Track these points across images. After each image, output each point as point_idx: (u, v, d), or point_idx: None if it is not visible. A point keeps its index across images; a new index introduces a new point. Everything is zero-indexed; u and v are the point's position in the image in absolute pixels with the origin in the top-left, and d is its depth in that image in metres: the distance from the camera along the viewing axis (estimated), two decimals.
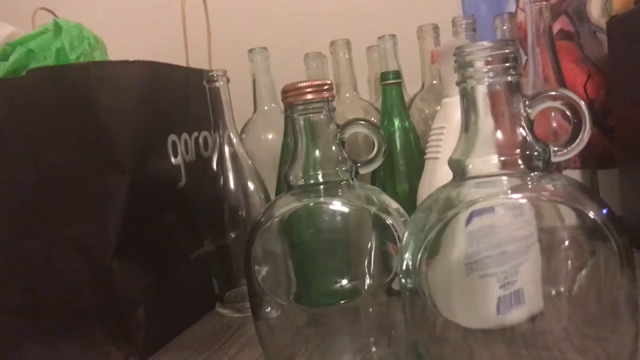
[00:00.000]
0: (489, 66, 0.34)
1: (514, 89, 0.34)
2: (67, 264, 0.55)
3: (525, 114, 0.35)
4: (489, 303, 0.37)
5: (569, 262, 0.36)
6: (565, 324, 0.36)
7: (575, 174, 0.65)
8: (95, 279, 0.55)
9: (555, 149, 0.35)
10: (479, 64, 0.34)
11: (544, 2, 0.63)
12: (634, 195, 0.73)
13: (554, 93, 0.35)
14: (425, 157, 0.56)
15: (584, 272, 0.35)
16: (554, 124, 0.64)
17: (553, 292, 0.36)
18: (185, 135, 0.66)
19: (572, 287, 0.35)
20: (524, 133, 0.34)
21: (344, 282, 0.44)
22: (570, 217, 0.35)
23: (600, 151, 0.83)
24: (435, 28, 0.74)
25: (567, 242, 0.36)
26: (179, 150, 0.64)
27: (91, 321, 0.56)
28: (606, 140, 0.84)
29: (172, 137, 0.63)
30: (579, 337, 0.36)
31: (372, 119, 0.75)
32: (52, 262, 0.56)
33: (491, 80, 0.34)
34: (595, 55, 0.85)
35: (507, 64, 0.34)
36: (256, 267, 0.43)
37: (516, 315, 0.37)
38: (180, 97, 0.67)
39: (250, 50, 0.78)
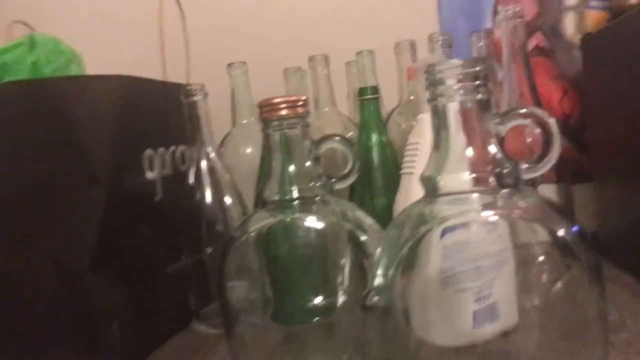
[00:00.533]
0: (460, 84, 0.34)
1: (485, 106, 0.35)
2: (41, 279, 0.54)
3: (495, 132, 0.35)
4: (464, 317, 0.37)
5: (542, 277, 0.36)
6: (537, 340, 0.36)
7: (551, 189, 0.66)
8: (70, 293, 0.54)
9: (526, 166, 0.35)
10: (450, 81, 0.34)
11: (519, 20, 0.64)
12: (608, 209, 0.74)
13: (524, 111, 0.35)
14: (401, 172, 0.57)
15: (555, 288, 0.35)
16: (529, 140, 0.65)
17: (527, 307, 0.36)
18: (162, 150, 0.66)
19: (545, 302, 0.36)
20: (494, 150, 0.35)
21: (319, 299, 0.44)
22: (542, 234, 0.35)
23: (575, 166, 0.84)
24: (413, 44, 0.75)
25: (540, 258, 0.36)
26: (155, 165, 0.64)
27: (66, 336, 0.55)
28: (581, 156, 0.85)
29: (149, 151, 0.63)
30: (552, 352, 0.36)
31: (351, 133, 0.75)
32: (26, 276, 0.55)
33: (462, 98, 0.34)
34: (570, 71, 0.86)
35: (477, 82, 0.34)
36: (229, 284, 0.43)
37: (491, 329, 0.37)
38: (158, 111, 0.67)
39: (229, 65, 0.78)
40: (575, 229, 0.35)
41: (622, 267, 0.68)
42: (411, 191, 0.54)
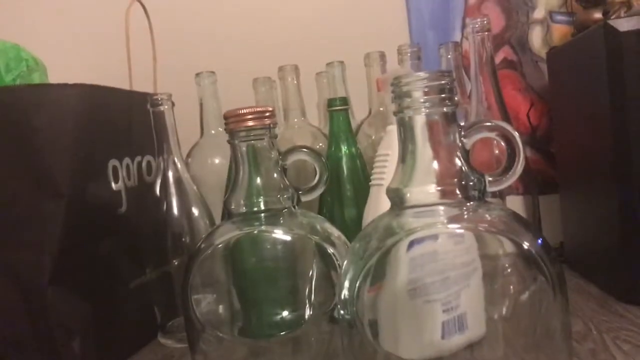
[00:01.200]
0: (426, 97, 0.34)
1: (450, 119, 0.35)
2: None
3: (460, 144, 0.35)
4: (433, 328, 0.36)
5: (508, 288, 0.36)
6: (504, 351, 0.36)
7: (517, 200, 0.67)
8: (29, 308, 0.53)
9: (490, 179, 0.35)
10: (417, 94, 0.35)
11: (486, 33, 0.65)
12: (574, 220, 0.75)
13: (489, 124, 0.35)
14: (370, 183, 0.57)
15: (521, 300, 0.36)
16: (497, 152, 0.65)
17: (493, 318, 0.36)
18: (127, 160, 0.65)
19: (511, 314, 0.36)
20: (459, 163, 0.35)
21: (286, 312, 0.43)
22: (508, 246, 0.35)
23: (543, 177, 0.86)
24: (382, 56, 0.75)
25: (506, 270, 0.36)
26: (120, 175, 0.63)
27: (24, 353, 0.53)
28: (548, 166, 0.86)
29: (113, 161, 0.62)
30: None
31: (320, 144, 0.75)
32: None
33: (428, 110, 0.35)
34: (537, 83, 0.88)
35: (443, 95, 0.34)
36: (194, 297, 0.42)
37: (459, 340, 0.37)
38: (123, 121, 0.66)
39: (197, 74, 0.77)
40: (539, 241, 0.35)
41: (588, 278, 0.69)
42: (380, 202, 0.54)
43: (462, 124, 0.36)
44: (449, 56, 0.76)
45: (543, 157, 0.87)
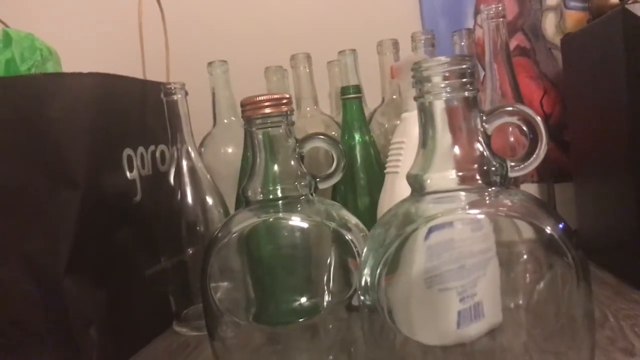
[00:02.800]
0: (447, 81, 0.34)
1: (471, 104, 0.35)
2: (16, 282, 0.53)
3: (482, 129, 0.35)
4: (449, 317, 0.36)
5: (527, 276, 0.36)
6: (524, 339, 0.36)
7: (532, 188, 0.66)
8: (46, 297, 0.53)
9: (513, 164, 0.35)
10: (437, 79, 0.34)
11: (501, 19, 0.65)
12: (589, 208, 0.74)
13: (511, 109, 0.35)
14: (385, 171, 0.56)
15: (541, 286, 0.35)
16: (512, 139, 0.65)
17: (512, 306, 0.36)
18: (141, 149, 0.65)
19: (530, 301, 0.35)
20: (481, 148, 0.34)
21: (303, 299, 0.43)
22: (527, 232, 0.35)
23: (556, 165, 0.85)
24: (395, 43, 0.75)
25: (525, 256, 0.36)
26: (134, 165, 0.63)
27: (42, 341, 0.54)
28: (562, 155, 0.85)
29: (128, 151, 0.62)
30: (538, 351, 0.36)
31: (333, 133, 0.75)
32: (1, 280, 0.53)
33: (449, 95, 0.34)
34: (550, 71, 0.87)
35: (464, 79, 0.34)
36: (212, 285, 0.42)
37: (476, 328, 0.37)
38: (137, 110, 0.66)
39: (209, 64, 0.77)
40: (561, 225, 0.35)
41: (603, 265, 0.69)
42: (396, 190, 0.54)
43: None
44: (463, 43, 0.75)
45: (556, 145, 0.87)
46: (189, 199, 0.65)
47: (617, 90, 0.60)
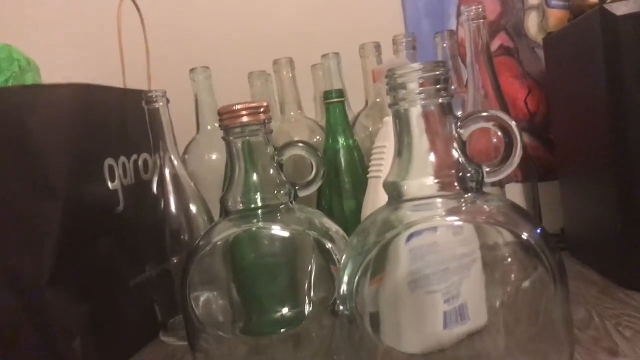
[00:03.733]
0: (421, 88, 0.34)
1: (446, 110, 0.35)
2: None
3: (457, 136, 0.35)
4: (435, 319, 0.36)
5: (509, 278, 0.36)
6: (506, 342, 0.36)
7: (517, 188, 0.66)
8: (28, 310, 0.52)
9: (488, 170, 0.35)
10: (412, 86, 0.34)
11: (482, 21, 0.64)
12: (574, 206, 0.75)
13: (485, 114, 0.35)
14: (368, 175, 0.56)
15: (522, 289, 0.35)
16: (495, 140, 0.65)
17: (495, 308, 0.36)
18: (123, 159, 0.64)
19: (511, 306, 0.35)
20: (457, 155, 0.34)
21: (285, 309, 0.43)
22: (506, 236, 0.35)
23: (541, 164, 0.85)
24: (377, 46, 0.74)
25: (506, 260, 0.36)
26: (116, 174, 0.62)
27: (25, 355, 0.53)
28: (547, 153, 0.86)
29: (109, 161, 0.61)
30: (519, 354, 0.36)
31: (318, 137, 0.74)
32: None
33: (424, 102, 0.34)
34: (534, 70, 0.87)
35: (438, 86, 0.34)
36: (193, 295, 0.42)
37: (461, 330, 0.37)
38: (118, 119, 0.65)
39: (192, 70, 0.76)
40: (538, 231, 0.35)
41: (589, 264, 0.69)
42: (379, 195, 0.53)
43: (459, 113, 0.36)
44: (445, 45, 0.75)
45: (542, 144, 0.87)
46: (173, 208, 0.64)
47: (597, 88, 0.60)
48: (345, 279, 0.35)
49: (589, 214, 0.70)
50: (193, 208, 0.65)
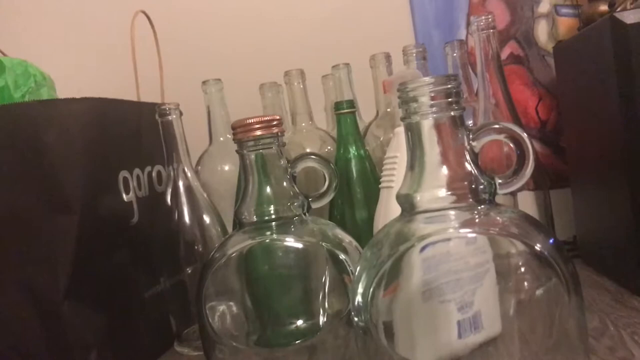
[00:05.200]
0: (433, 101, 0.34)
1: (458, 122, 0.35)
2: (14, 309, 0.53)
3: (469, 147, 0.35)
4: (449, 328, 0.36)
5: (522, 288, 0.36)
6: (519, 354, 0.36)
7: (529, 196, 0.66)
8: (45, 323, 0.53)
9: (500, 181, 0.35)
10: (423, 99, 0.34)
11: (491, 30, 0.65)
12: (587, 214, 0.74)
13: (497, 126, 0.35)
14: (380, 186, 0.57)
15: (536, 299, 0.35)
16: (506, 149, 0.65)
17: (509, 318, 0.36)
18: (137, 171, 0.65)
19: (526, 314, 0.36)
20: (469, 167, 0.35)
21: (300, 320, 0.43)
22: (519, 247, 0.35)
23: (553, 171, 0.85)
24: (387, 57, 0.75)
25: (519, 269, 0.36)
26: (130, 186, 0.63)
27: None
28: (558, 160, 0.85)
29: (124, 173, 0.62)
30: None
31: (329, 147, 0.75)
32: None
33: (435, 115, 0.34)
34: (544, 78, 0.87)
35: (450, 99, 0.34)
36: (208, 306, 0.42)
37: (475, 339, 0.37)
38: (132, 132, 0.66)
39: (204, 82, 0.77)
40: (551, 241, 0.35)
41: (602, 272, 0.69)
42: (391, 205, 0.54)
43: (470, 122, 0.36)
44: (455, 54, 0.75)
45: (553, 151, 0.87)
46: (187, 219, 0.65)
47: (608, 95, 0.60)
48: (360, 290, 0.36)
49: (601, 221, 0.69)
50: (206, 219, 0.65)
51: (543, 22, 0.86)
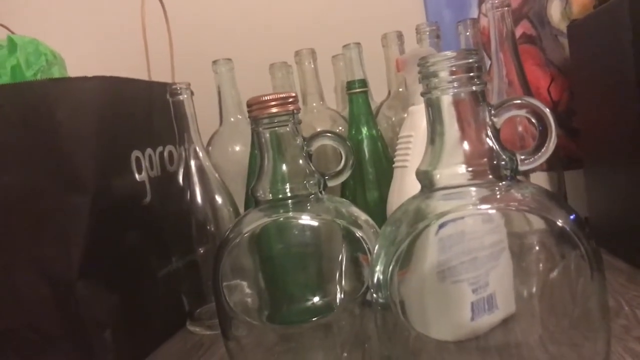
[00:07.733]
0: (454, 76, 0.34)
1: (479, 98, 0.34)
2: (29, 288, 0.53)
3: (491, 123, 0.34)
4: (463, 309, 0.36)
5: (540, 268, 0.36)
6: (538, 332, 0.36)
7: (542, 177, 0.66)
8: (60, 302, 0.53)
9: (522, 157, 0.35)
10: (444, 74, 0.34)
11: (506, 8, 0.64)
12: (600, 195, 0.74)
13: (519, 101, 0.35)
14: (394, 165, 0.56)
15: (555, 279, 0.35)
16: (520, 128, 0.65)
17: (526, 299, 0.36)
18: (149, 151, 0.65)
19: (544, 294, 0.35)
20: (490, 143, 0.34)
21: (316, 298, 0.43)
22: (539, 224, 0.35)
23: (566, 153, 0.85)
24: (400, 36, 0.74)
25: (537, 248, 0.36)
26: (143, 166, 0.63)
27: (56, 346, 0.54)
28: (571, 142, 0.85)
29: (136, 152, 0.62)
30: (553, 344, 0.35)
31: (340, 127, 0.75)
32: (13, 286, 0.53)
33: (456, 90, 0.34)
34: (557, 58, 0.86)
35: (471, 74, 0.34)
36: (225, 285, 0.42)
37: (489, 320, 0.36)
38: (143, 111, 0.66)
39: (214, 62, 0.77)
40: (572, 217, 0.34)
41: (615, 253, 0.68)
42: (405, 185, 0.53)
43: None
44: (468, 33, 0.75)
45: (565, 133, 0.86)
46: (199, 199, 0.65)
47: (625, 76, 0.59)
48: (379, 267, 0.35)
49: (614, 202, 0.69)
50: (218, 199, 0.65)
51: (556, 1, 0.85)
